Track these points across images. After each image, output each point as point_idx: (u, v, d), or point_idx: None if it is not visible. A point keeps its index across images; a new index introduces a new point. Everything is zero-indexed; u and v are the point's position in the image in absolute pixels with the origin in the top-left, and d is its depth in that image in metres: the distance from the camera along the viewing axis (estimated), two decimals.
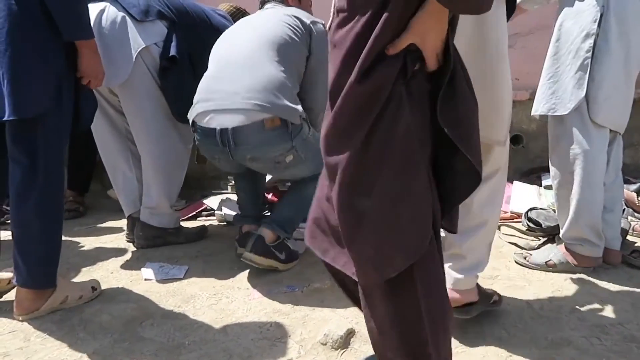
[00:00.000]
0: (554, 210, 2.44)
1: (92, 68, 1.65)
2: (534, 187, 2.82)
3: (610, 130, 1.87)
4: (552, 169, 1.94)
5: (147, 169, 2.25)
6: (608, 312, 1.64)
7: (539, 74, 3.05)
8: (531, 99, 3.07)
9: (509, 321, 1.58)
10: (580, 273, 1.91)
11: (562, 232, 1.94)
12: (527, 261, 1.99)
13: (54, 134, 1.59)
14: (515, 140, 3.22)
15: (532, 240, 2.28)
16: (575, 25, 1.79)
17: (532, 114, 1.95)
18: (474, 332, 1.52)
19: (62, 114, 1.61)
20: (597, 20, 1.74)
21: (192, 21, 2.22)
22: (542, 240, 2.25)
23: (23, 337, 1.54)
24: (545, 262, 1.95)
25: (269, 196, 2.76)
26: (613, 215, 1.96)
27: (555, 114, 1.85)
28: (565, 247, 1.95)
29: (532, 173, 3.10)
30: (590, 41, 1.76)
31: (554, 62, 1.87)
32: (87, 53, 1.62)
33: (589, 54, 1.77)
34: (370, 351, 1.42)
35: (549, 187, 2.75)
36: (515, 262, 2.02)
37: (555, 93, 1.85)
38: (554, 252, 1.97)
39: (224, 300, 1.77)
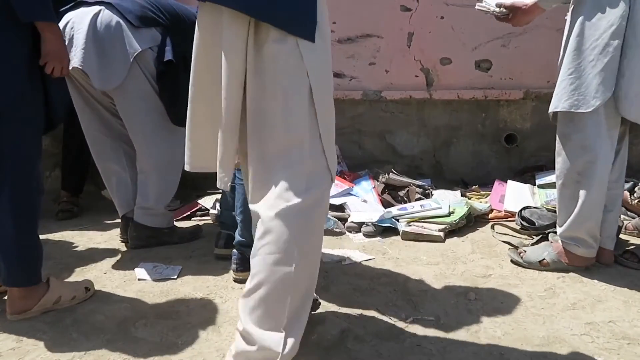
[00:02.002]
0: (548, 209, 2.45)
1: (55, 52, 1.59)
2: (528, 186, 2.83)
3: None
4: (558, 167, 1.90)
5: (143, 169, 2.25)
6: (600, 310, 1.65)
7: (532, 72, 3.10)
8: (525, 97, 3.11)
9: (501, 319, 1.59)
10: (572, 272, 1.92)
11: (560, 230, 1.93)
12: (522, 258, 1.98)
13: (23, 128, 1.56)
14: (509, 139, 3.23)
15: (526, 239, 2.29)
16: (603, 20, 1.71)
17: (550, 110, 1.87)
18: (467, 330, 1.53)
19: (31, 107, 1.57)
20: (626, 16, 1.68)
21: (185, 26, 2.21)
22: (536, 238, 2.26)
23: (15, 338, 1.53)
24: (539, 261, 1.95)
25: None
26: (612, 215, 1.95)
27: (578, 110, 1.76)
28: (561, 246, 1.94)
29: (525, 172, 3.11)
30: (620, 37, 1.69)
31: (576, 56, 1.78)
32: (49, 37, 1.57)
33: (618, 51, 1.70)
34: (364, 350, 1.43)
35: (542, 186, 2.77)
36: (511, 260, 2.02)
37: (578, 89, 1.76)
38: (548, 251, 1.96)
39: (217, 300, 1.77)
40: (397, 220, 2.45)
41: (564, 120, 1.84)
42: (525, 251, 2.02)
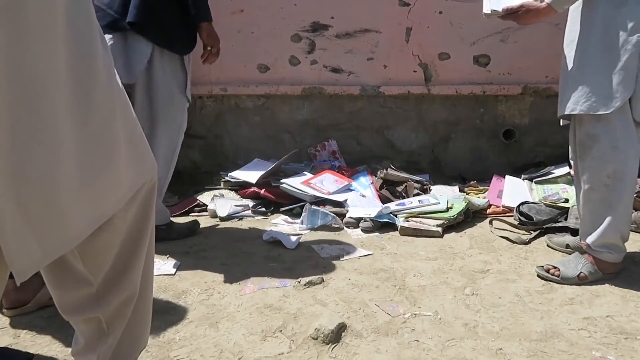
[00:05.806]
0: (546, 205, 2.46)
1: None
2: (526, 181, 2.83)
3: None
4: (581, 170, 1.79)
5: None
6: (598, 305, 1.65)
7: (531, 68, 3.09)
8: (523, 93, 3.11)
9: (499, 314, 1.59)
10: None
11: (592, 239, 1.80)
12: (556, 276, 1.82)
13: None
14: (507, 134, 3.23)
15: (524, 234, 2.29)
16: (620, 16, 1.62)
17: (566, 112, 1.75)
18: (465, 326, 1.53)
19: None
20: None
21: None
22: (534, 234, 2.26)
23: (13, 334, 1.53)
24: (577, 276, 1.80)
25: (261, 192, 2.76)
26: None
27: (596, 112, 1.67)
28: (591, 255, 1.82)
29: (524, 168, 3.11)
30: (639, 33, 1.59)
31: (591, 56, 1.69)
32: None
33: (638, 47, 1.60)
34: (362, 345, 1.43)
35: (540, 182, 2.77)
36: (538, 276, 1.86)
37: (596, 90, 1.67)
38: (582, 263, 1.82)
39: (215, 295, 1.76)
40: (396, 215, 2.44)
41: (590, 121, 1.72)
42: (555, 267, 1.84)
